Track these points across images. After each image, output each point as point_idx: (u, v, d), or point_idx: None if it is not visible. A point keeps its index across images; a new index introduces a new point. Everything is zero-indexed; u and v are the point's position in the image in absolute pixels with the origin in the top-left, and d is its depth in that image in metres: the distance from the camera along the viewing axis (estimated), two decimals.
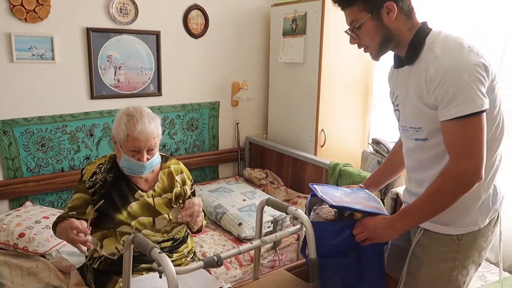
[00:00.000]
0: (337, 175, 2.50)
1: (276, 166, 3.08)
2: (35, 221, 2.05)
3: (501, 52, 2.17)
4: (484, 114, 1.15)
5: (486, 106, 1.13)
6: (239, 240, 2.22)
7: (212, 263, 1.12)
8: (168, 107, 2.87)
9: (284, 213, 1.56)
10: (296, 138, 3.00)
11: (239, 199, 2.51)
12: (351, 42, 1.34)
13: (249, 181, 3.09)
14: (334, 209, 1.60)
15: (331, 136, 2.84)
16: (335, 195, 1.52)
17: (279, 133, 3.18)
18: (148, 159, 1.60)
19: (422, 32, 1.27)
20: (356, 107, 2.89)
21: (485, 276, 2.12)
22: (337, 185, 2.53)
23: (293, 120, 3.01)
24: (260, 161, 3.24)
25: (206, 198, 2.55)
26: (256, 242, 1.28)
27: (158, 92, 2.80)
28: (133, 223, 1.62)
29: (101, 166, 1.67)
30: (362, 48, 1.34)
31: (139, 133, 1.55)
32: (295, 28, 2.84)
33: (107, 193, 1.63)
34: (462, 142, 1.16)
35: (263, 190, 2.91)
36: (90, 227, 1.46)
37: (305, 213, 1.51)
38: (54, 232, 1.61)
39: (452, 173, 1.19)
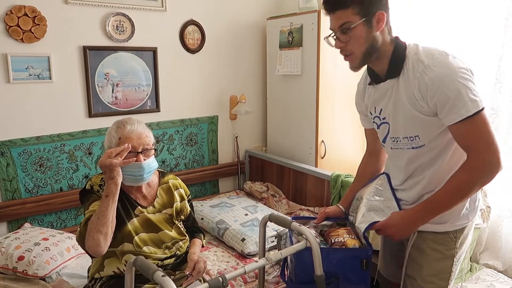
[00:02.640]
0: (339, 187, 2.48)
1: (276, 178, 3.06)
2: (34, 243, 2.01)
3: (498, 60, 2.18)
4: (484, 110, 1.22)
5: (483, 103, 1.22)
6: (243, 256, 2.18)
7: (217, 285, 1.09)
8: (166, 122, 2.86)
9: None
10: (296, 150, 2.98)
11: (241, 214, 2.47)
12: (337, 45, 1.36)
13: (250, 195, 3.06)
14: (317, 231, 1.60)
15: (331, 147, 2.82)
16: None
17: (278, 146, 3.17)
18: (145, 160, 1.57)
19: (400, 46, 1.33)
20: (355, 117, 2.85)
21: (493, 286, 2.09)
22: (339, 197, 2.51)
23: (292, 132, 3.00)
24: (260, 174, 3.21)
25: (207, 214, 2.51)
26: (261, 261, 1.25)
27: (156, 108, 2.79)
28: (134, 239, 1.59)
29: (103, 179, 1.63)
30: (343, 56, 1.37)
31: (130, 131, 1.57)
32: (292, 40, 2.84)
33: None
34: (478, 138, 1.22)
35: (265, 204, 2.88)
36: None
37: (288, 242, 1.52)
38: (82, 239, 1.46)
39: (476, 165, 1.23)
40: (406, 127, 1.35)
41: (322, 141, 2.80)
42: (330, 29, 1.36)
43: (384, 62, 1.35)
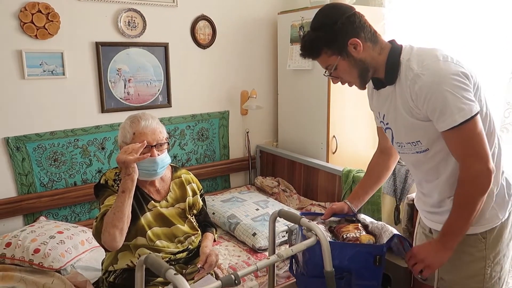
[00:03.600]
0: (350, 182, 2.47)
1: (287, 174, 3.06)
2: (50, 236, 2.05)
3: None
4: (477, 116, 1.20)
5: (476, 109, 1.19)
6: (254, 250, 2.19)
7: (230, 282, 1.09)
8: (178, 118, 2.88)
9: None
10: (307, 145, 2.97)
11: (252, 209, 2.48)
12: (334, 82, 1.42)
13: (261, 190, 3.07)
14: (325, 227, 1.60)
15: (343, 142, 2.81)
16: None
17: (289, 141, 3.16)
18: (158, 155, 1.59)
19: (394, 52, 1.33)
20: (367, 112, 2.84)
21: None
22: (351, 192, 2.50)
23: (303, 127, 2.99)
24: (271, 169, 3.21)
25: (219, 209, 2.53)
26: (272, 258, 1.26)
27: (168, 103, 2.81)
28: (148, 233, 1.61)
29: (117, 174, 1.65)
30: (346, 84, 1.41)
31: (145, 127, 1.59)
32: (303, 35, 2.82)
33: None
34: (464, 147, 1.22)
35: (276, 199, 2.89)
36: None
37: (300, 237, 1.51)
38: (99, 234, 1.47)
39: (466, 177, 1.24)
40: (407, 133, 1.36)
41: (334, 136, 2.79)
42: None
43: (381, 71, 1.35)
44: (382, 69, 1.33)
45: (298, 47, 2.82)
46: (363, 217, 1.64)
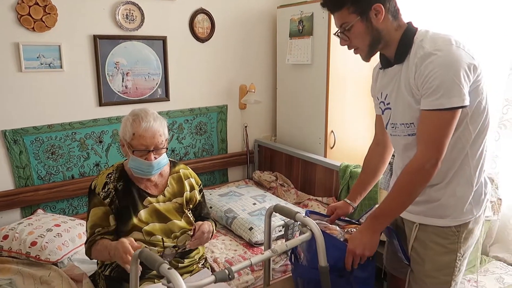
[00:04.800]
0: (348, 177, 2.48)
1: (285, 168, 3.06)
2: (47, 229, 2.05)
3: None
4: (459, 110, 1.21)
5: (465, 103, 1.19)
6: (250, 244, 2.20)
7: (224, 277, 1.10)
8: (176, 112, 2.87)
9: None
10: (306, 140, 2.97)
11: (249, 203, 2.49)
12: (342, 43, 1.39)
13: (259, 184, 3.07)
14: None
15: (341, 137, 2.80)
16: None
17: (288, 135, 3.16)
18: (155, 158, 1.59)
19: (409, 31, 1.32)
20: (365, 107, 2.85)
21: (503, 278, 2.07)
22: (348, 188, 2.50)
23: (302, 122, 2.99)
24: (269, 164, 3.22)
25: (216, 203, 2.53)
26: (267, 253, 1.26)
27: (166, 97, 2.80)
28: (144, 228, 1.62)
29: (110, 175, 1.66)
30: (353, 50, 1.39)
31: (145, 130, 1.56)
32: (302, 29, 2.81)
33: (119, 202, 1.62)
34: (433, 133, 1.23)
35: (273, 193, 2.89)
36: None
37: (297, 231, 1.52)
38: (89, 256, 1.60)
39: (419, 165, 1.26)
40: (404, 113, 1.35)
41: (332, 131, 2.79)
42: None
43: (392, 48, 1.35)
44: (394, 46, 1.33)
45: (297, 41, 2.84)
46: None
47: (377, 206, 1.43)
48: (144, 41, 2.64)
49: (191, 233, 1.64)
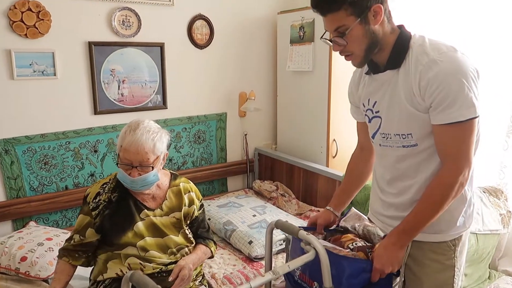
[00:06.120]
0: None
1: (286, 178, 2.97)
2: (38, 243, 1.97)
3: None
4: (478, 119, 1.15)
5: (479, 112, 1.14)
6: (250, 259, 2.11)
7: None
8: (174, 120, 2.80)
9: None
10: (307, 149, 2.89)
11: (249, 215, 2.40)
12: (335, 49, 1.25)
13: (259, 194, 2.99)
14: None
15: (343, 146, 2.72)
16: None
17: (289, 144, 3.08)
18: (140, 175, 1.49)
19: (404, 35, 1.23)
20: None
21: None
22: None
23: (303, 130, 2.91)
24: (270, 173, 3.13)
25: (214, 214, 2.45)
26: (268, 276, 1.18)
27: (164, 105, 2.73)
28: (139, 243, 1.55)
29: (105, 186, 1.59)
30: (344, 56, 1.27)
31: (129, 144, 1.47)
32: (303, 35, 2.75)
33: (112, 213, 1.56)
34: (459, 146, 1.16)
35: (274, 204, 2.81)
36: None
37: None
38: (58, 257, 1.58)
39: (449, 179, 1.18)
40: (400, 123, 1.25)
41: (334, 140, 2.71)
42: (325, 29, 1.25)
43: (385, 53, 1.25)
44: (388, 51, 1.23)
45: (298, 48, 2.77)
46: (344, 224, 1.56)
47: (404, 219, 1.30)
48: (141, 47, 2.57)
49: (170, 279, 1.50)
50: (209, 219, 2.43)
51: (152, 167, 1.51)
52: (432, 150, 1.24)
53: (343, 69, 2.63)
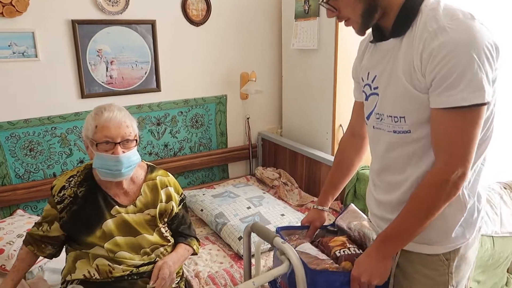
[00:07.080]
0: (355, 179, 2.19)
1: (289, 165, 2.78)
2: (18, 235, 1.88)
3: None
4: (485, 107, 0.94)
5: (489, 98, 0.92)
6: (239, 256, 1.96)
7: None
8: (168, 103, 2.63)
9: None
10: (312, 135, 2.67)
11: (243, 207, 2.24)
12: (329, 15, 1.09)
13: (261, 181, 2.82)
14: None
15: None
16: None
17: (294, 128, 2.87)
18: (124, 152, 1.37)
19: None
20: None
21: None
22: (355, 192, 2.22)
23: (308, 114, 2.69)
24: (273, 159, 2.94)
25: (207, 205, 2.30)
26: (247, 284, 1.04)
27: (157, 87, 2.56)
28: (106, 245, 1.42)
29: (71, 179, 1.47)
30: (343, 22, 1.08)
31: (108, 119, 1.36)
32: (308, 9, 2.48)
33: (79, 209, 1.43)
34: (456, 138, 0.95)
35: (275, 192, 2.64)
36: None
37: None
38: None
39: (442, 177, 0.98)
40: (395, 103, 1.05)
41: (340, 125, 2.48)
42: None
43: (390, 17, 1.04)
44: (393, 14, 1.03)
45: (303, 23, 2.51)
46: (340, 223, 1.41)
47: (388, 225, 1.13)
48: (130, 25, 2.39)
49: (151, 284, 1.40)
50: (201, 210, 2.29)
51: (136, 141, 1.43)
52: (427, 142, 1.03)
53: (351, 47, 2.36)
